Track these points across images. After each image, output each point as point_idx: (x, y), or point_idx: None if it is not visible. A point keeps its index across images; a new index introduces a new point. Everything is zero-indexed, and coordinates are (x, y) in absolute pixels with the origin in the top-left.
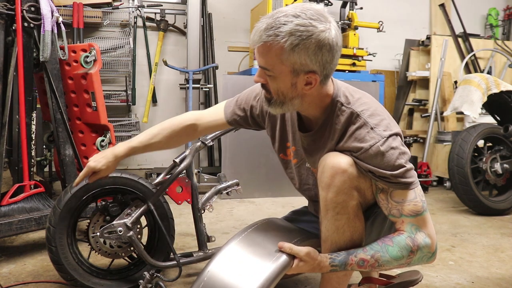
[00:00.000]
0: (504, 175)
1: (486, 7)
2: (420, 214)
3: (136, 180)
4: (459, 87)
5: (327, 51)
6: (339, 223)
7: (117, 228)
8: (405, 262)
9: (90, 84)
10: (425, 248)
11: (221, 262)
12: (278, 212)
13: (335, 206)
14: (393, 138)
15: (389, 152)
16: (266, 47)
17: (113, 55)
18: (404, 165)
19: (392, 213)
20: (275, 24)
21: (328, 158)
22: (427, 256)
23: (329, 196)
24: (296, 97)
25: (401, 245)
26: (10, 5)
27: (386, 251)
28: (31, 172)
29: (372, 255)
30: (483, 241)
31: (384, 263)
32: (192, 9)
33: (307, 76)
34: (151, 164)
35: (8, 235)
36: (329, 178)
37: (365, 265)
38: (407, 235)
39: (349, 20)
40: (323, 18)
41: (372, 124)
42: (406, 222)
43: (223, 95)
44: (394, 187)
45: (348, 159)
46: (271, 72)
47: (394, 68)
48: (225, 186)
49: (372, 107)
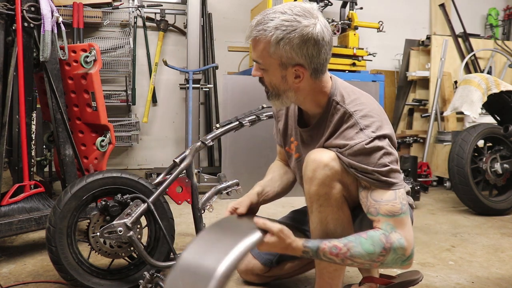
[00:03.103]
0: (504, 175)
1: (486, 7)
2: (397, 215)
3: (136, 180)
4: (459, 87)
5: (312, 45)
6: (323, 215)
7: (117, 228)
8: (378, 260)
9: (90, 84)
10: (399, 249)
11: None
12: (278, 212)
13: (318, 199)
14: (380, 139)
15: (373, 151)
16: (256, 41)
17: (113, 55)
18: (388, 165)
19: (370, 211)
20: (263, 20)
21: (311, 153)
22: (401, 258)
23: (312, 189)
24: (289, 90)
25: (374, 239)
26: (10, 5)
27: (359, 242)
28: (31, 172)
29: (345, 244)
30: (483, 241)
31: (356, 254)
32: (192, 9)
33: (295, 69)
34: (151, 164)
35: (8, 235)
36: (311, 171)
37: (337, 251)
38: (381, 232)
39: (349, 20)
40: (309, 14)
41: (363, 125)
42: (383, 221)
43: (223, 95)
44: (376, 185)
45: (331, 154)
46: (263, 65)
47: (394, 68)
48: (225, 186)
49: (367, 108)
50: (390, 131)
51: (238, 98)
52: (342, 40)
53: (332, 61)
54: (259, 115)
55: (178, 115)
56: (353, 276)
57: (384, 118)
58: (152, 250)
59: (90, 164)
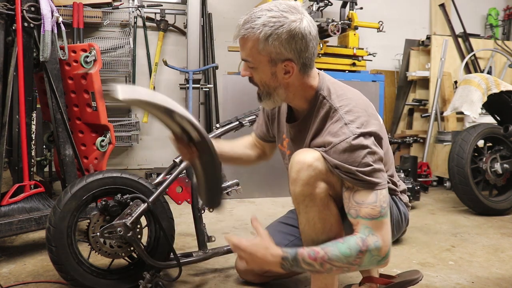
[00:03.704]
0: (504, 175)
1: (486, 7)
2: (376, 218)
3: (136, 180)
4: (459, 87)
5: (300, 40)
6: (309, 216)
7: (117, 228)
8: (355, 262)
9: (90, 84)
10: (374, 250)
11: None
12: (278, 212)
13: (303, 199)
14: (365, 137)
15: (357, 150)
16: (244, 40)
17: (113, 55)
18: (371, 164)
19: (350, 212)
20: (251, 18)
21: (295, 155)
22: (377, 259)
23: (297, 190)
24: (279, 86)
25: (351, 243)
26: (10, 5)
27: (336, 247)
28: (31, 172)
29: (322, 248)
30: (483, 241)
31: (334, 257)
32: (192, 9)
33: (284, 65)
34: (151, 164)
35: (8, 235)
36: (295, 173)
37: (315, 255)
38: (358, 236)
39: (349, 20)
40: (295, 10)
41: (347, 120)
42: (361, 223)
43: (223, 95)
44: (359, 185)
45: (315, 154)
46: (252, 64)
47: (394, 68)
48: (225, 186)
49: (353, 104)
50: (376, 128)
51: (238, 98)
52: (342, 40)
53: (332, 61)
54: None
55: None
56: (353, 276)
57: (372, 113)
58: (152, 250)
59: (90, 164)
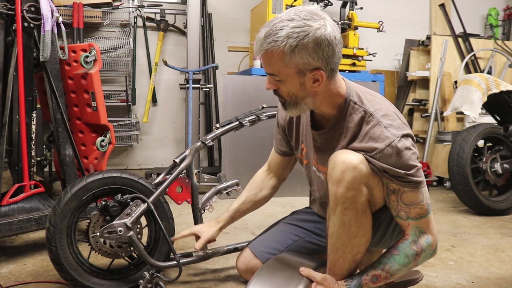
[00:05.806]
0: (504, 175)
1: (486, 7)
2: (424, 216)
3: (136, 180)
4: (459, 87)
5: (327, 46)
6: (346, 218)
7: (117, 228)
8: (413, 265)
9: (90, 84)
10: (427, 248)
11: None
12: (278, 212)
13: (344, 201)
14: (406, 138)
15: (403, 152)
16: (269, 54)
17: (113, 55)
18: (416, 165)
19: (400, 215)
20: (272, 31)
21: (338, 154)
22: (430, 253)
23: (339, 191)
24: (307, 96)
25: (406, 251)
26: (10, 5)
27: (394, 261)
28: (31, 172)
29: (382, 269)
30: (483, 241)
31: (395, 271)
32: (192, 9)
33: (313, 74)
34: (151, 164)
35: (8, 235)
36: (340, 173)
37: (378, 280)
38: (411, 240)
39: (349, 20)
40: (317, 16)
41: (386, 123)
42: (412, 225)
43: (223, 95)
44: (407, 186)
45: (359, 156)
46: (278, 77)
47: (394, 68)
48: (225, 186)
49: (385, 108)
50: (410, 130)
51: (238, 98)
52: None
53: None
54: (259, 115)
55: (178, 115)
56: None
57: (401, 117)
58: (152, 250)
59: (90, 164)
